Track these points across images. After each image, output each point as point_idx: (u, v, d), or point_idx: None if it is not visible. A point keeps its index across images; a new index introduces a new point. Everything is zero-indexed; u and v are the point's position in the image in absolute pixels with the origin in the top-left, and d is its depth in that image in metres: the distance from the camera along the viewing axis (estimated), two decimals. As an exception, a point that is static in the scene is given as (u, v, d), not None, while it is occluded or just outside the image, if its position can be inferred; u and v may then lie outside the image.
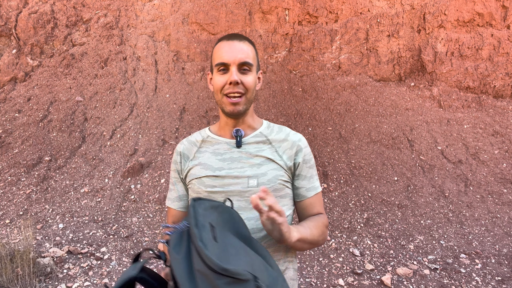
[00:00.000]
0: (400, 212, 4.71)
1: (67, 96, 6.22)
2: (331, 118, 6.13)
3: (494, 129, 6.10)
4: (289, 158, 1.11)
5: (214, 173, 1.07)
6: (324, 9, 6.88)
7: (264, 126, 1.17)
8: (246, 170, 1.06)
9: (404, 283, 3.38)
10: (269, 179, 1.05)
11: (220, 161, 1.09)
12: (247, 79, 1.04)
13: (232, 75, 1.02)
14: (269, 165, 1.08)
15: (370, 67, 6.87)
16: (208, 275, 0.59)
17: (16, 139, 5.51)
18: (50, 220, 4.27)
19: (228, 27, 6.85)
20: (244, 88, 1.04)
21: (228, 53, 1.03)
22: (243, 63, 1.03)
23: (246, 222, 1.03)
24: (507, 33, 6.75)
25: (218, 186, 1.06)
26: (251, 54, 1.06)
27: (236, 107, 1.05)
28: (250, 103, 1.09)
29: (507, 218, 4.69)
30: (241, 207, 1.05)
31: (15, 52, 6.64)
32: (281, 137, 1.14)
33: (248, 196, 1.05)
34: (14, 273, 2.92)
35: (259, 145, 1.11)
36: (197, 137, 1.19)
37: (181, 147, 1.19)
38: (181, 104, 6.26)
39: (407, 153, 5.64)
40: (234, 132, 1.11)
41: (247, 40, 1.10)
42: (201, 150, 1.15)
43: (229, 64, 1.03)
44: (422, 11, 6.86)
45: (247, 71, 1.05)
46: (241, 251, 0.68)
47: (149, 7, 7.15)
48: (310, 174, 1.14)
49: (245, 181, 1.05)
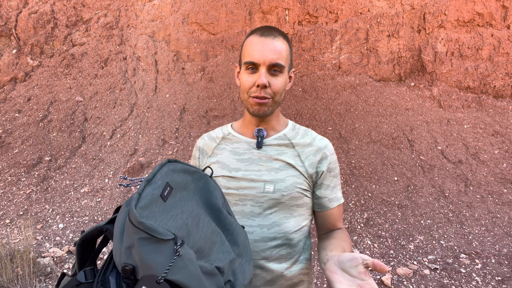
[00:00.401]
0: (400, 212, 4.71)
1: (67, 96, 6.22)
2: (331, 118, 6.13)
3: (494, 129, 6.10)
4: (312, 165, 1.03)
5: (230, 173, 1.02)
6: (324, 9, 6.88)
7: (288, 128, 1.09)
8: (263, 173, 1.00)
9: (404, 283, 3.38)
10: (286, 186, 0.98)
11: (238, 161, 1.04)
12: (276, 82, 0.96)
13: (260, 77, 0.94)
14: (288, 170, 1.01)
15: (370, 67, 6.87)
16: (129, 228, 0.55)
17: (16, 139, 5.51)
18: (50, 220, 4.27)
19: (228, 27, 6.86)
20: (271, 92, 0.97)
21: (259, 52, 0.94)
22: (274, 64, 0.94)
23: (258, 229, 0.98)
24: (507, 33, 6.75)
25: (232, 188, 1.01)
26: (285, 53, 0.97)
27: (262, 108, 0.98)
28: (278, 105, 1.02)
29: (507, 218, 4.69)
30: (254, 213, 0.99)
31: (15, 52, 6.63)
32: (305, 141, 1.06)
33: (263, 202, 0.98)
34: (14, 273, 2.92)
35: (281, 148, 1.04)
36: (218, 133, 1.14)
37: (201, 142, 1.15)
38: (181, 104, 6.26)
39: (407, 153, 5.64)
40: (256, 132, 1.04)
41: (282, 36, 1.00)
42: (220, 147, 1.09)
43: (258, 64, 0.95)
44: (422, 11, 6.86)
45: (277, 72, 0.96)
46: (186, 216, 0.63)
47: (149, 7, 7.15)
48: (334, 183, 1.06)
49: (261, 186, 0.99)
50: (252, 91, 0.97)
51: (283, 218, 0.99)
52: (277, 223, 0.99)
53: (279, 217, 0.99)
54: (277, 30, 1.00)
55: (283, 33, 1.01)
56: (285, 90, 1.03)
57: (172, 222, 0.59)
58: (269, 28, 0.99)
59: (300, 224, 1.02)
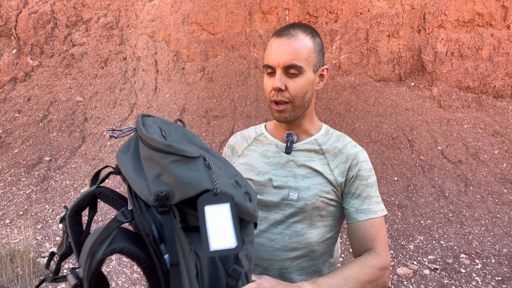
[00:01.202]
0: (400, 212, 4.71)
1: (67, 96, 6.22)
2: (331, 118, 6.14)
3: (494, 129, 6.10)
4: (341, 173, 0.96)
5: (258, 177, 0.99)
6: (324, 9, 6.88)
7: (321, 133, 1.03)
8: (289, 180, 0.96)
9: (404, 283, 3.38)
10: (311, 195, 0.93)
11: (267, 165, 1.00)
12: (293, 85, 0.91)
13: (274, 81, 0.90)
14: (315, 178, 0.95)
15: (370, 67, 6.87)
16: (154, 157, 0.55)
17: (16, 139, 5.51)
18: (50, 220, 4.27)
19: (228, 27, 6.86)
20: (289, 96, 0.92)
21: (274, 53, 0.91)
22: (289, 66, 0.89)
23: (279, 237, 0.93)
24: (507, 33, 6.75)
25: (258, 193, 0.97)
26: (304, 52, 0.90)
27: (282, 115, 0.94)
28: (302, 109, 0.96)
29: (507, 218, 4.69)
30: (277, 220, 0.94)
31: (15, 52, 6.64)
32: (337, 147, 0.99)
33: (286, 210, 0.94)
34: (14, 273, 2.92)
35: (310, 154, 0.98)
36: (251, 133, 1.11)
37: (232, 141, 1.13)
38: (181, 104, 6.26)
39: (407, 153, 5.64)
40: (286, 137, 1.00)
41: (305, 32, 0.93)
42: (250, 148, 1.07)
43: (274, 67, 0.91)
44: (422, 11, 6.87)
45: (295, 75, 0.90)
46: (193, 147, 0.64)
47: (149, 7, 7.16)
48: (367, 193, 0.94)
49: (286, 193, 0.94)
50: (271, 95, 0.93)
51: (306, 228, 0.94)
52: (300, 232, 0.94)
53: (301, 226, 0.94)
54: (300, 26, 0.94)
55: (307, 29, 0.94)
56: (311, 91, 0.96)
57: (185, 146, 0.59)
58: (289, 26, 0.94)
59: (325, 235, 0.97)
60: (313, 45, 0.93)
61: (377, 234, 0.91)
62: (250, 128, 1.14)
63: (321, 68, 0.97)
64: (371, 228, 0.91)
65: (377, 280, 0.85)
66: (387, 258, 0.89)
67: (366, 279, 0.82)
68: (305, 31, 0.93)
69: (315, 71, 0.95)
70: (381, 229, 0.92)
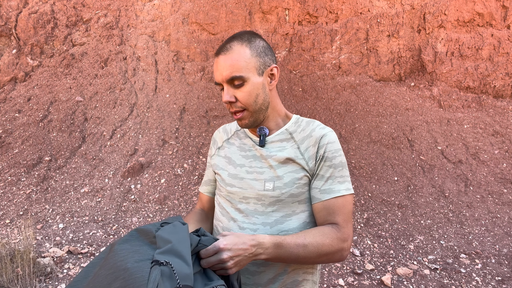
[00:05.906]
0: (400, 212, 4.71)
1: (67, 96, 6.22)
2: (331, 118, 6.14)
3: (494, 129, 6.10)
4: (311, 157, 0.99)
5: (235, 169, 1.05)
6: (324, 9, 6.88)
7: (291, 122, 1.08)
8: (264, 171, 1.01)
9: (404, 283, 3.38)
10: (285, 183, 0.98)
11: (243, 158, 1.06)
12: (241, 94, 0.96)
13: (223, 96, 0.97)
14: (288, 166, 0.99)
15: (370, 67, 6.87)
16: None
17: (16, 139, 5.51)
18: (50, 220, 4.27)
19: (228, 27, 6.86)
20: (241, 105, 0.97)
21: (217, 71, 0.97)
22: (231, 79, 0.95)
23: (261, 227, 0.98)
24: (507, 33, 6.75)
25: (236, 186, 1.03)
26: (241, 62, 0.94)
27: (243, 122, 1.01)
28: (260, 112, 1.00)
29: (507, 218, 4.69)
30: (258, 211, 0.99)
31: (15, 52, 6.64)
32: (305, 133, 1.03)
33: (264, 200, 0.99)
34: (14, 273, 2.92)
35: (282, 143, 1.03)
36: (233, 126, 1.17)
37: (216, 134, 1.21)
38: (181, 104, 6.26)
39: (407, 153, 5.64)
40: (258, 131, 1.05)
41: (240, 41, 0.96)
42: (230, 141, 1.13)
43: (221, 83, 0.98)
44: (422, 11, 6.86)
45: (240, 85, 0.95)
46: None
47: (149, 7, 7.15)
48: (330, 174, 0.98)
49: (262, 184, 0.99)
50: (228, 108, 1.01)
51: (285, 216, 0.99)
52: (279, 221, 0.99)
53: (280, 215, 0.99)
54: (236, 37, 0.97)
55: (243, 37, 0.97)
56: (263, 93, 0.99)
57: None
58: (226, 41, 0.98)
59: (304, 220, 1.01)
60: (251, 50, 0.96)
61: (339, 211, 0.96)
62: (233, 122, 1.19)
63: (268, 68, 1.00)
64: (334, 206, 0.96)
65: (335, 253, 0.92)
66: (348, 233, 0.95)
67: (325, 250, 0.91)
68: (241, 40, 0.97)
69: (261, 74, 0.98)
70: (344, 207, 0.96)
